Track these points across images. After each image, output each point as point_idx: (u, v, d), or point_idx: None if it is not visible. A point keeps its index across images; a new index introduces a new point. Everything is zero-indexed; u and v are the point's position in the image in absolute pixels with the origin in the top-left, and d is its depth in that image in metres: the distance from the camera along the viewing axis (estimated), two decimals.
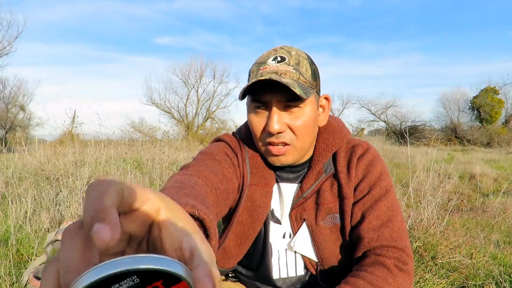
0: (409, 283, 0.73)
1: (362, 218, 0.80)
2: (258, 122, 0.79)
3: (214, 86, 22.79)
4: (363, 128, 26.42)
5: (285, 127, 0.77)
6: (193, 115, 22.60)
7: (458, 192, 3.78)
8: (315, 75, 0.80)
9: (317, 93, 0.82)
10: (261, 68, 0.77)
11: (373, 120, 27.30)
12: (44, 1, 41.22)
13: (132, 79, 45.01)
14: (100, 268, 0.22)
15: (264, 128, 0.78)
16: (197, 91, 22.65)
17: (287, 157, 0.80)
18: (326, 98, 0.86)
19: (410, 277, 0.74)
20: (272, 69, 0.75)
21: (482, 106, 25.11)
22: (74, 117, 11.41)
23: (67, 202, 3.12)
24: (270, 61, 0.77)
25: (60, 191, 3.36)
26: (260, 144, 0.81)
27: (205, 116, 22.82)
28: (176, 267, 0.24)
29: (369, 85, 46.14)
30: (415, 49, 48.79)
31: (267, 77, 0.72)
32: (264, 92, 0.76)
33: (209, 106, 22.78)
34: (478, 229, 2.97)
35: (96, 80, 42.34)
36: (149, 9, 43.33)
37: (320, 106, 0.84)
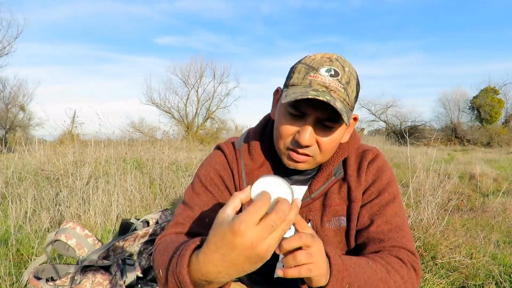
0: (418, 283, 0.75)
1: (371, 222, 0.80)
2: (289, 129, 0.77)
3: (214, 86, 22.83)
4: (363, 128, 26.38)
5: (314, 142, 0.76)
6: (193, 115, 22.62)
7: (458, 192, 3.78)
8: (357, 97, 0.79)
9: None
10: (311, 74, 0.73)
11: (373, 120, 27.32)
12: (44, 1, 41.24)
13: (132, 79, 45.02)
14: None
15: (293, 136, 0.77)
16: (197, 91, 22.68)
17: (305, 165, 0.81)
18: (355, 119, 0.85)
19: (419, 278, 0.75)
20: (323, 81, 0.72)
21: (482, 106, 25.12)
22: (74, 117, 11.41)
23: (67, 202, 3.12)
24: (323, 71, 0.73)
25: (60, 191, 3.36)
26: (282, 146, 0.80)
27: (205, 116, 22.83)
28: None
29: (369, 85, 46.11)
30: (415, 49, 48.85)
31: (324, 98, 0.68)
32: (307, 104, 0.73)
33: (209, 106, 22.82)
34: (478, 229, 2.97)
35: (96, 80, 42.38)
36: (150, 9, 43.33)
37: None
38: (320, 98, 0.68)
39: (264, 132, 0.91)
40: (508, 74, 34.06)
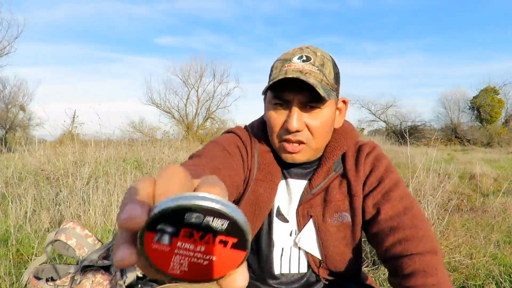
0: (442, 261, 0.74)
1: (377, 211, 0.80)
2: (277, 119, 0.79)
3: (214, 86, 22.85)
4: (363, 128, 26.37)
5: (303, 126, 0.78)
6: (193, 115, 22.63)
7: (458, 192, 3.77)
8: (337, 78, 0.81)
9: (337, 96, 0.82)
10: (286, 65, 0.77)
11: (373, 120, 27.30)
12: (44, 1, 41.24)
13: (132, 79, 45.08)
14: (181, 197, 0.26)
15: (282, 125, 0.79)
16: (197, 91, 22.70)
17: (301, 156, 0.81)
18: (344, 102, 0.87)
19: (441, 256, 0.74)
20: (297, 68, 0.75)
21: (482, 106, 25.11)
22: (74, 117, 11.40)
23: (67, 202, 3.12)
24: (295, 59, 0.77)
25: (60, 191, 3.36)
26: (275, 140, 0.82)
27: (205, 116, 22.84)
28: (241, 218, 0.27)
29: (369, 85, 46.19)
30: (415, 49, 48.82)
31: (293, 76, 0.72)
32: (287, 91, 0.76)
33: (209, 106, 22.84)
34: (478, 229, 2.97)
35: (96, 80, 42.38)
36: (150, 9, 43.30)
37: (338, 108, 0.85)
38: (289, 75, 0.72)
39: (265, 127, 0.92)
40: (508, 74, 34.21)
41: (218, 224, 0.26)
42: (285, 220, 0.86)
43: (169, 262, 0.27)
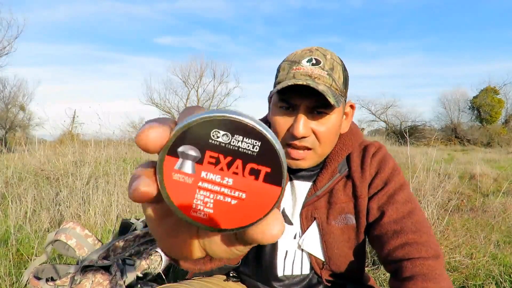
0: (443, 265, 0.74)
1: (381, 213, 0.79)
2: (283, 123, 0.77)
3: (214, 86, 22.91)
4: (363, 128, 26.33)
5: (310, 132, 0.76)
6: None
7: (458, 192, 3.77)
8: (346, 82, 0.79)
9: (345, 101, 0.81)
10: (294, 67, 0.75)
11: (373, 120, 27.29)
12: (45, 1, 41.24)
13: (132, 79, 45.10)
14: (207, 111, 0.23)
15: (288, 129, 0.77)
16: (197, 91, 22.74)
17: (306, 162, 0.80)
18: (351, 106, 0.85)
19: (442, 260, 0.74)
20: (305, 71, 0.73)
21: (482, 106, 25.10)
22: (74, 117, 11.40)
23: (67, 202, 3.12)
24: (304, 62, 0.74)
25: (60, 191, 3.36)
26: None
27: None
28: (275, 139, 0.23)
29: (369, 85, 46.18)
30: (415, 49, 48.87)
31: (304, 82, 0.69)
32: (295, 95, 0.74)
33: (209, 106, 22.84)
34: (478, 229, 2.97)
35: (96, 80, 42.47)
36: (150, 9, 43.40)
37: (345, 113, 0.84)
38: (299, 82, 0.69)
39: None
40: (508, 74, 34.02)
41: (248, 145, 0.22)
42: (289, 222, 0.85)
43: (192, 199, 0.23)
